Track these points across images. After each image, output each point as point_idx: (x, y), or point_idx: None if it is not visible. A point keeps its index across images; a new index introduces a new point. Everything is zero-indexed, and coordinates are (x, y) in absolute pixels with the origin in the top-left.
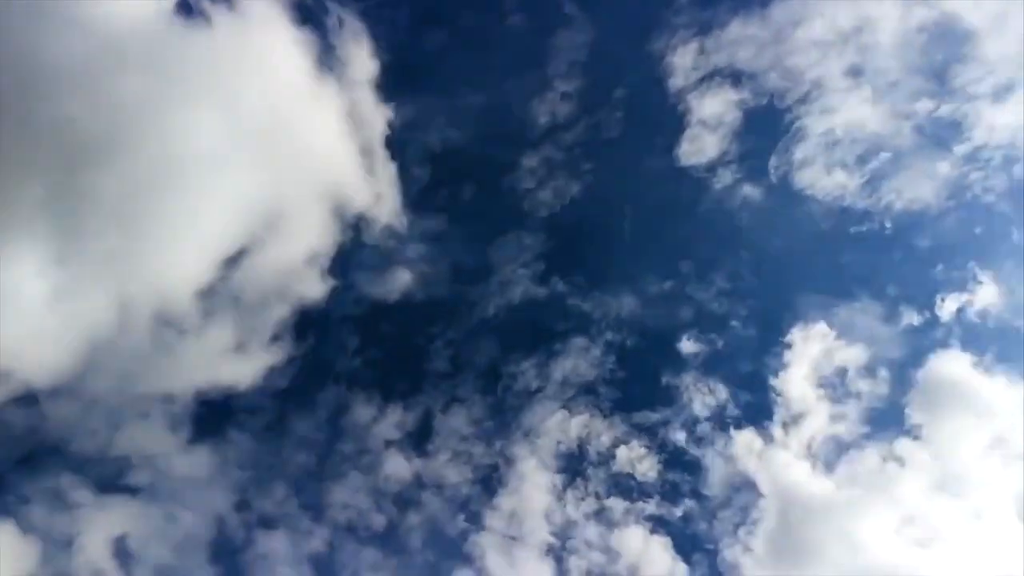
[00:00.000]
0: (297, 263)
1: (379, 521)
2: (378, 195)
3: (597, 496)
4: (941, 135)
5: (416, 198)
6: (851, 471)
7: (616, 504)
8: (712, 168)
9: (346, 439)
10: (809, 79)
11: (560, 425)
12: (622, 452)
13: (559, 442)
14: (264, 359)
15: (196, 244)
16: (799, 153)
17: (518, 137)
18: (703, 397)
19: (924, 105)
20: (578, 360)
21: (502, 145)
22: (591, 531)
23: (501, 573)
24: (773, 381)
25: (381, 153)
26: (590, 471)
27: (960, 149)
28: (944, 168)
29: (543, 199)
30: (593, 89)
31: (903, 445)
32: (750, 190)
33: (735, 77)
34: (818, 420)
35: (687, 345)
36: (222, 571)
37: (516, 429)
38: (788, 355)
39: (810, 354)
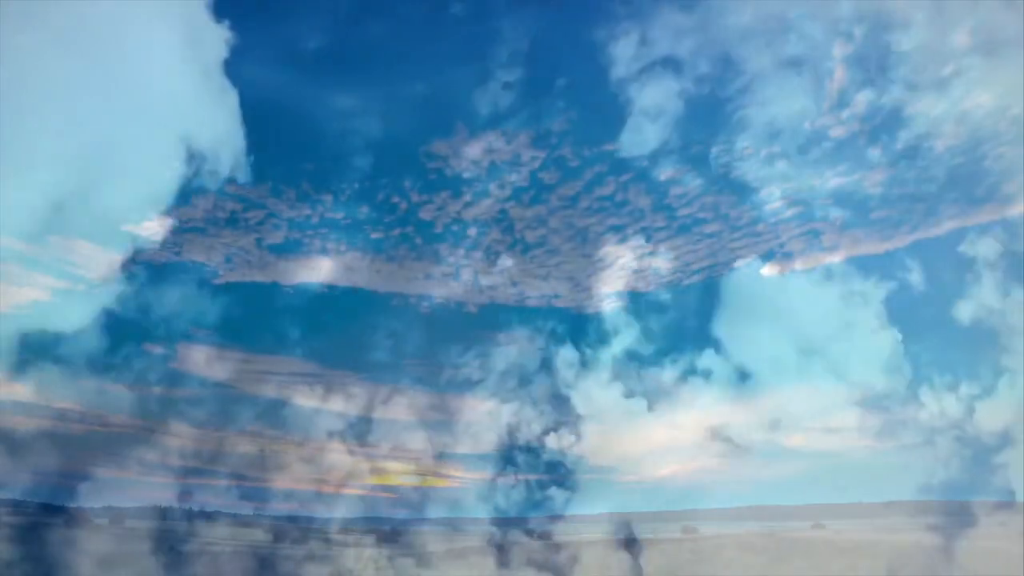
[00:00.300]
0: (134, 201)
1: None
2: (221, 135)
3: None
4: (882, 125)
5: (352, 187)
6: (656, 386)
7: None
8: (654, 158)
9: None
10: (751, 69)
11: (493, 414)
12: (551, 439)
13: (490, 430)
14: (93, 302)
15: (26, 181)
16: (740, 143)
17: (459, 126)
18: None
19: (865, 95)
20: (516, 347)
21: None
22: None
23: (445, 563)
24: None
25: (222, 81)
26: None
27: (901, 138)
28: (884, 157)
29: (485, 189)
30: (535, 79)
31: (707, 358)
32: (692, 180)
33: (676, 67)
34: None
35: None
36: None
37: (458, 418)
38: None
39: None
